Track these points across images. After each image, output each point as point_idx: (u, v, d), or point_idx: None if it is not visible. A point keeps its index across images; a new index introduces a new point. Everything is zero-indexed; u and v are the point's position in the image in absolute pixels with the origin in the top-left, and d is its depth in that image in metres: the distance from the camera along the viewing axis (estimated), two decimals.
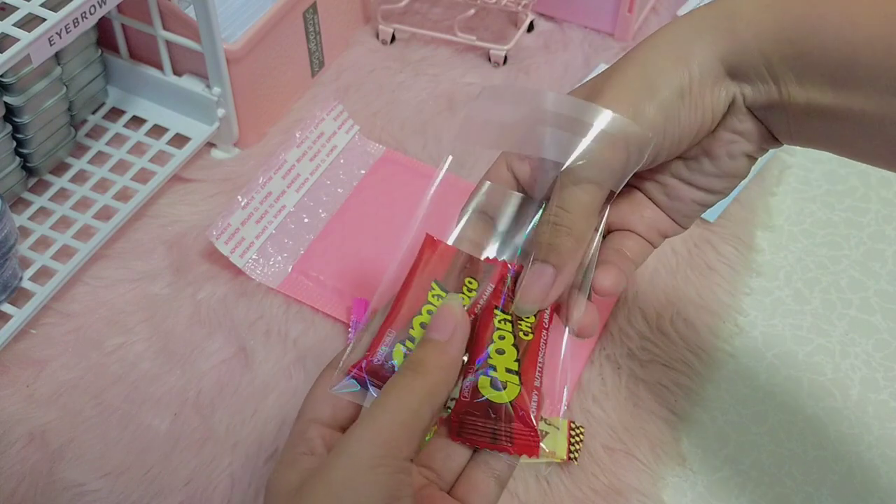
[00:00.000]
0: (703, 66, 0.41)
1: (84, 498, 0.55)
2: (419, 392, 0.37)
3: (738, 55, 0.41)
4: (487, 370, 0.41)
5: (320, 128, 0.71)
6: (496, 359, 0.42)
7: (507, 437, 0.41)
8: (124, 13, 0.70)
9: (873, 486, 0.57)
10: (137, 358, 0.61)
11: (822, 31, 0.39)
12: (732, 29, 0.41)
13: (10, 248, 0.59)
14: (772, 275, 0.67)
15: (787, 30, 0.40)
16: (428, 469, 0.41)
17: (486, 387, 0.41)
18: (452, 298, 0.41)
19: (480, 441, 0.41)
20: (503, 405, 0.41)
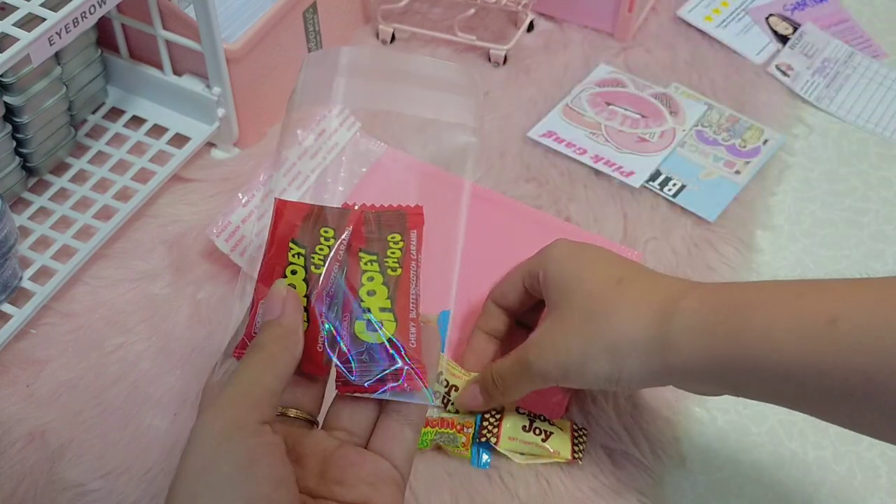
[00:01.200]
0: (631, 373, 0.49)
1: (84, 498, 0.55)
2: (256, 365, 0.39)
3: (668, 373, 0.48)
4: (360, 314, 0.42)
5: (321, 125, 0.71)
6: (368, 301, 0.42)
7: (393, 375, 0.41)
8: (124, 13, 0.69)
9: (873, 486, 0.57)
10: (137, 358, 0.61)
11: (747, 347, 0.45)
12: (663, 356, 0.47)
13: (10, 248, 0.59)
14: (772, 275, 0.67)
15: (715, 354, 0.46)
16: (338, 430, 0.42)
17: (362, 331, 0.42)
18: (278, 283, 0.42)
19: (366, 387, 0.41)
20: (382, 344, 0.41)
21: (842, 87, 0.80)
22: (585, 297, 0.51)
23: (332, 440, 0.41)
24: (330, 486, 0.39)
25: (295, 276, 0.43)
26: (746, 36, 0.84)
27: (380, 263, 0.44)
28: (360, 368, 0.41)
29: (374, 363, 0.41)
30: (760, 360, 0.44)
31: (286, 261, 0.43)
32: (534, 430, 0.55)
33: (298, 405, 0.43)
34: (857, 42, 0.84)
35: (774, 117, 0.77)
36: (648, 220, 0.69)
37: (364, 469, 0.40)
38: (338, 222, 0.44)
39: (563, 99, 0.77)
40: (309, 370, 0.42)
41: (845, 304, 0.42)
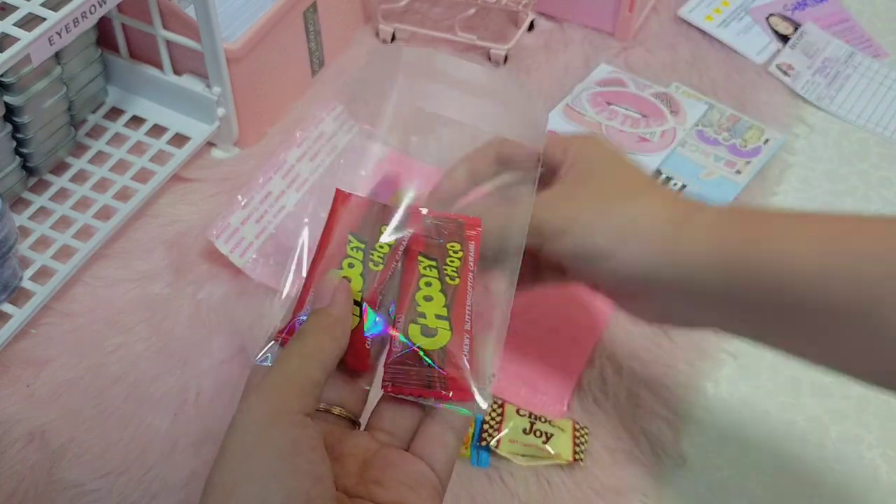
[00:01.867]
0: (629, 257, 0.47)
1: (84, 498, 0.55)
2: (301, 352, 0.39)
3: (671, 269, 0.47)
4: (416, 318, 0.41)
5: (320, 128, 0.71)
6: (424, 306, 0.42)
7: (442, 383, 0.40)
8: (124, 13, 0.69)
9: (873, 486, 0.57)
10: (137, 358, 0.61)
11: (758, 260, 0.44)
12: (675, 242, 0.46)
13: (10, 248, 0.59)
14: None
15: (725, 260, 0.45)
16: (380, 431, 0.42)
17: (416, 335, 0.41)
18: (330, 273, 0.42)
19: (414, 390, 0.41)
20: (435, 351, 0.41)
21: (842, 87, 0.80)
22: (614, 174, 0.50)
23: (373, 441, 0.41)
24: (368, 486, 0.39)
25: (352, 269, 0.42)
26: (747, 36, 0.84)
27: (439, 270, 0.43)
28: (409, 372, 0.41)
29: (424, 368, 0.41)
30: (773, 267, 0.43)
31: (344, 252, 0.43)
32: (534, 433, 0.55)
33: (342, 403, 0.42)
34: (857, 42, 0.84)
35: (775, 117, 0.77)
36: None
37: (403, 471, 0.40)
38: (399, 222, 0.44)
39: (563, 99, 0.77)
40: (354, 366, 0.41)
41: (866, 224, 0.43)
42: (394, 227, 0.44)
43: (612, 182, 0.50)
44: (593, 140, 0.53)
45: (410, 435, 0.42)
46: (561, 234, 0.48)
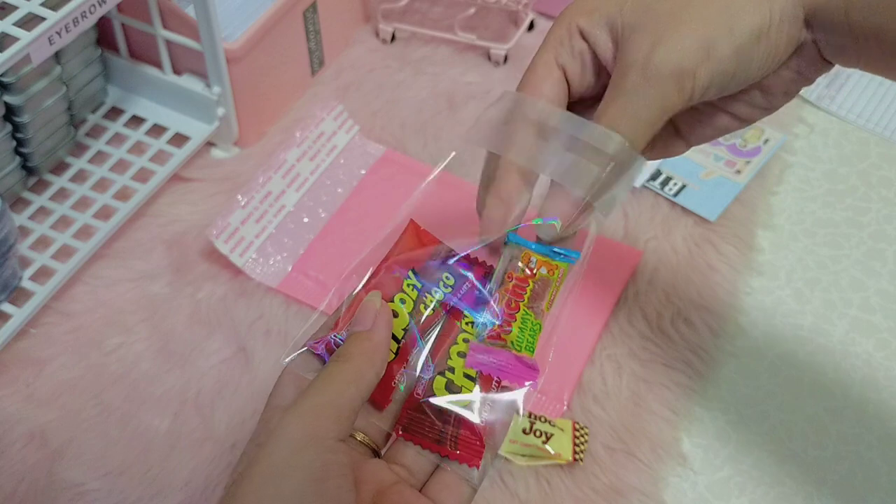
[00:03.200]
0: (784, 11, 0.40)
1: (84, 498, 0.55)
2: (342, 377, 0.38)
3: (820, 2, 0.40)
4: (444, 371, 0.41)
5: (320, 128, 0.71)
6: (455, 360, 0.41)
7: (453, 441, 0.40)
8: (124, 12, 0.69)
9: (874, 486, 0.57)
10: (137, 358, 0.61)
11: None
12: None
13: (9, 248, 0.59)
14: (772, 274, 0.67)
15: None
16: (399, 466, 0.41)
17: (440, 388, 0.41)
18: (373, 295, 0.41)
19: (425, 441, 0.40)
20: (453, 411, 0.40)
21: (842, 87, 0.80)
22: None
23: (390, 474, 0.40)
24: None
25: (403, 305, 0.42)
26: None
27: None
28: (424, 422, 0.41)
29: (440, 422, 0.41)
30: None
31: (400, 287, 0.42)
32: (534, 433, 0.55)
33: (366, 431, 0.41)
34: None
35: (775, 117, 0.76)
36: (649, 220, 0.69)
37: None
38: (461, 274, 0.44)
39: None
40: (376, 398, 0.41)
41: None
42: (455, 278, 0.43)
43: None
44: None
45: (427, 475, 0.41)
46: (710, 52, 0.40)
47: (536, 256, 0.42)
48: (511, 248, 0.42)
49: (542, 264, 0.42)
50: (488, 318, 0.42)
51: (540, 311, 0.42)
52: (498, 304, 0.41)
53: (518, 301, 0.41)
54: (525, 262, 0.42)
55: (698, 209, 0.69)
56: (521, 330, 0.41)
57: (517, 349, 0.41)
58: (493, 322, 0.41)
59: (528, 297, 0.42)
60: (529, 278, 0.42)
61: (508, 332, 0.41)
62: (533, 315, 0.41)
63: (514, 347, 0.41)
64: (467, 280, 0.43)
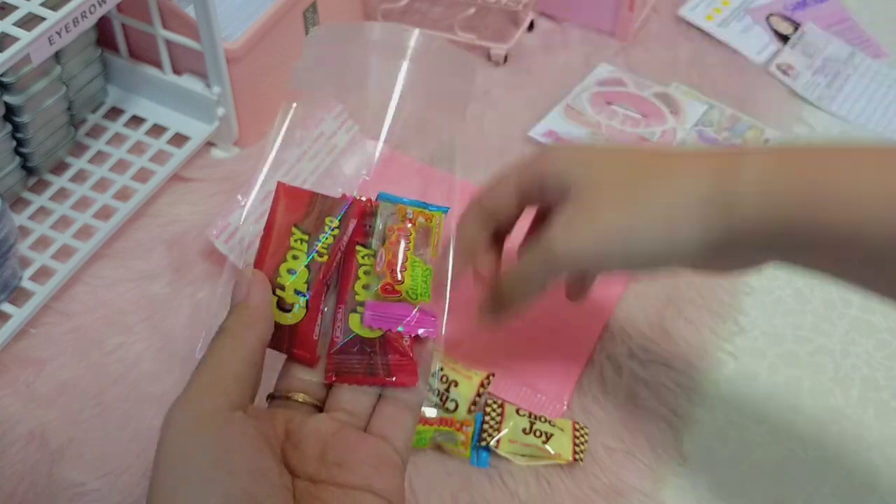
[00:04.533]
0: (686, 242, 0.44)
1: (84, 498, 0.55)
2: (220, 349, 0.39)
3: (727, 237, 0.43)
4: (354, 307, 0.42)
5: (320, 128, 0.71)
6: (363, 294, 0.42)
7: (385, 369, 0.41)
8: (124, 12, 0.69)
9: (874, 486, 0.57)
10: (137, 357, 0.61)
11: (824, 212, 0.40)
12: (727, 217, 0.42)
13: (9, 248, 0.59)
14: (772, 274, 0.67)
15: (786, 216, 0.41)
16: (339, 411, 0.42)
17: (356, 324, 0.42)
18: (245, 268, 0.42)
19: (357, 378, 0.41)
20: (376, 339, 0.41)
21: (842, 87, 0.80)
22: (623, 169, 0.45)
23: (332, 423, 0.41)
24: (330, 470, 0.39)
25: (296, 260, 0.43)
26: (747, 35, 0.84)
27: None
28: (351, 361, 0.41)
29: (365, 356, 0.41)
30: (838, 227, 0.40)
31: (288, 245, 0.43)
32: (534, 433, 0.55)
33: (306, 390, 0.42)
34: (857, 42, 0.84)
35: (775, 117, 0.77)
36: None
37: (365, 451, 0.40)
38: (343, 213, 0.44)
39: (563, 98, 0.77)
40: (302, 357, 0.42)
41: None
42: (338, 219, 0.44)
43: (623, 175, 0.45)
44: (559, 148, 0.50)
45: (369, 414, 0.42)
46: (603, 257, 0.45)
47: (411, 209, 0.44)
48: (385, 206, 0.44)
49: (418, 214, 0.44)
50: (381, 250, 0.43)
51: (427, 257, 0.43)
52: (383, 259, 0.42)
53: (405, 251, 0.43)
54: (402, 215, 0.44)
55: None
56: (413, 278, 0.42)
57: (412, 298, 0.42)
58: (382, 276, 0.42)
59: (413, 245, 0.43)
60: (411, 228, 0.43)
61: (401, 282, 0.42)
62: (422, 262, 0.43)
63: (410, 296, 0.41)
64: (351, 216, 0.44)
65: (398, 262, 0.42)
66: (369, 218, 0.45)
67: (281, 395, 0.42)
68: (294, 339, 0.42)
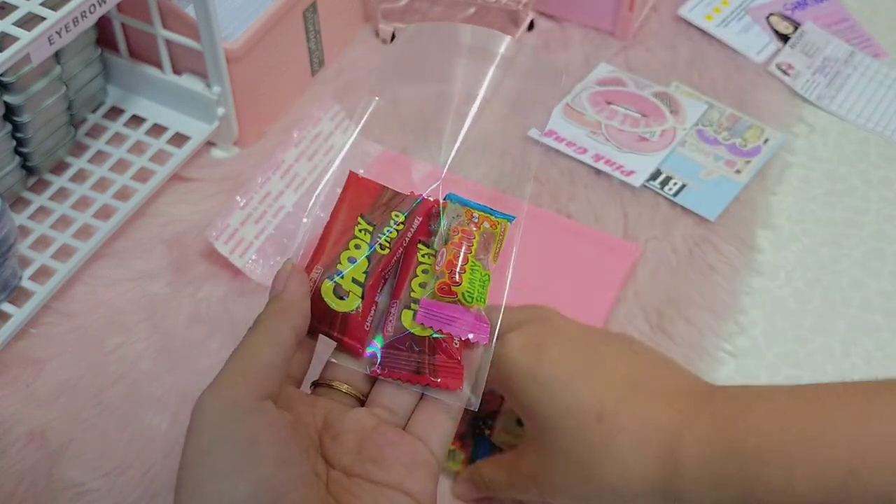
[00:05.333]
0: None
1: (84, 497, 0.55)
2: (253, 341, 0.39)
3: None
4: (409, 304, 0.42)
5: (318, 128, 0.71)
6: (418, 292, 0.42)
7: (431, 369, 0.41)
8: (124, 12, 0.69)
9: None
10: (137, 357, 0.61)
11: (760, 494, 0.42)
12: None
13: (9, 248, 0.59)
14: (773, 274, 0.67)
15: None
16: (379, 407, 0.42)
17: (408, 320, 0.41)
18: (284, 263, 0.42)
19: (403, 374, 0.41)
20: (426, 338, 0.41)
21: (842, 87, 0.80)
22: (570, 439, 0.47)
23: (371, 417, 0.41)
24: (365, 465, 0.39)
25: (358, 250, 0.43)
26: (747, 35, 0.84)
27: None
28: (399, 357, 0.41)
29: (413, 354, 0.41)
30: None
31: (352, 234, 0.43)
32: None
33: (350, 381, 0.42)
34: (857, 41, 0.84)
35: (775, 116, 0.77)
36: (649, 220, 0.69)
37: (401, 450, 0.40)
38: (410, 209, 0.44)
39: (563, 98, 0.77)
40: (350, 347, 0.42)
41: (865, 452, 0.40)
42: (404, 214, 0.44)
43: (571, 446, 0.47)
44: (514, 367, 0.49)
45: (409, 413, 0.42)
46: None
47: (478, 213, 0.43)
48: (452, 206, 0.44)
49: (484, 219, 0.43)
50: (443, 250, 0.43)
51: (487, 262, 0.43)
52: (444, 258, 0.42)
53: (467, 253, 0.42)
54: (468, 218, 0.43)
55: (698, 209, 0.69)
56: (471, 281, 0.42)
57: (468, 301, 0.41)
58: (441, 276, 0.42)
59: (476, 249, 0.42)
60: (475, 231, 0.42)
61: (459, 284, 0.41)
62: (481, 266, 0.42)
63: (465, 300, 0.41)
64: (417, 214, 0.44)
65: (458, 263, 0.42)
66: (434, 218, 0.45)
67: (325, 383, 0.42)
68: (345, 328, 0.41)
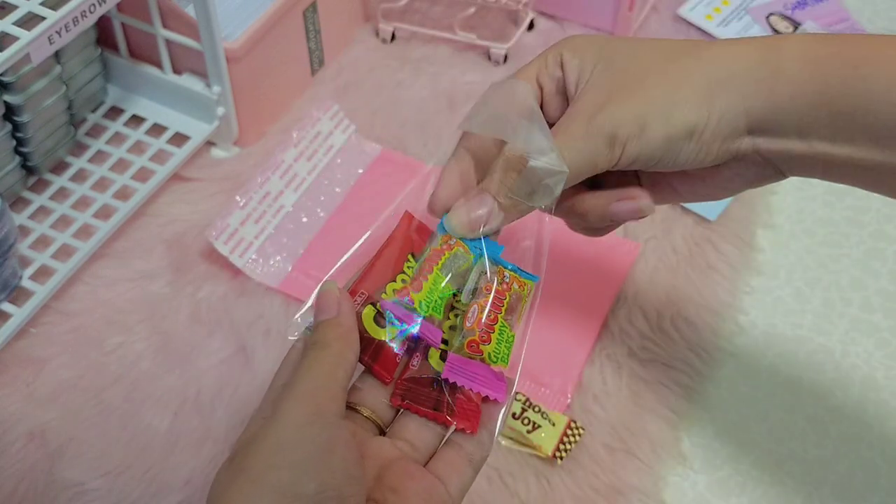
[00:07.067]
0: (723, 116, 0.41)
1: (84, 497, 0.55)
2: (327, 361, 0.39)
3: (769, 112, 0.41)
4: (437, 344, 0.42)
5: (317, 128, 0.71)
6: (448, 334, 0.43)
7: (449, 408, 0.41)
8: (124, 12, 0.69)
9: (873, 486, 0.57)
10: (137, 357, 0.61)
11: (867, 94, 0.39)
12: (771, 87, 0.41)
13: (9, 247, 0.59)
14: (772, 273, 0.67)
15: (828, 93, 0.40)
16: (401, 440, 0.42)
17: (435, 359, 0.42)
18: (328, 284, 0.42)
19: (422, 409, 0.41)
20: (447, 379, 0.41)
21: None
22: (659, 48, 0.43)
23: (393, 449, 0.41)
24: (384, 492, 0.39)
25: (403, 284, 0.43)
26: (747, 35, 0.84)
27: None
28: (420, 391, 0.42)
29: (434, 391, 0.41)
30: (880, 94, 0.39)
31: (401, 268, 0.44)
32: (522, 420, 0.56)
33: (372, 406, 0.42)
34: None
35: None
36: (649, 219, 0.69)
37: (420, 485, 0.40)
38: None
39: None
40: (379, 374, 0.42)
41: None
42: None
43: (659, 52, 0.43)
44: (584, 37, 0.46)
45: (430, 451, 0.42)
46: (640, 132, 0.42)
47: (509, 273, 0.44)
48: (482, 262, 0.44)
49: (514, 280, 0.44)
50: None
51: (514, 323, 0.43)
52: (475, 315, 0.42)
53: (496, 313, 0.43)
54: (500, 277, 0.43)
55: (698, 208, 0.69)
56: (499, 342, 0.42)
57: (492, 361, 0.42)
58: (471, 333, 0.42)
59: (505, 310, 0.43)
60: (507, 291, 0.43)
61: (487, 343, 0.42)
62: (508, 327, 0.43)
63: (490, 360, 0.42)
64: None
65: (489, 324, 0.42)
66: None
67: (349, 406, 0.42)
68: (378, 355, 0.42)
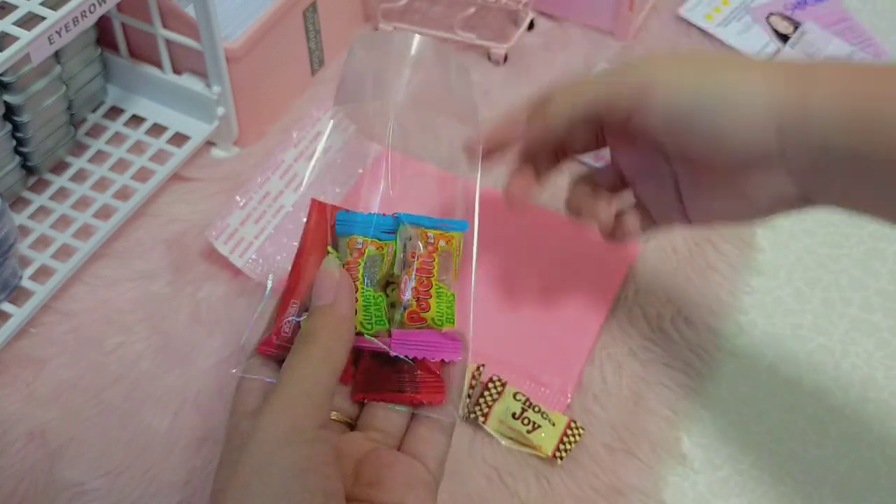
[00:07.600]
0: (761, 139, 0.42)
1: (83, 497, 0.55)
2: (312, 359, 0.37)
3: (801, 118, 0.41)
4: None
5: (317, 127, 0.71)
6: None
7: (413, 386, 0.41)
8: (124, 12, 0.69)
9: (874, 486, 0.57)
10: (137, 357, 0.61)
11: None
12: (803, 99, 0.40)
13: (9, 247, 0.59)
14: (772, 273, 0.67)
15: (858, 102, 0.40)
16: (372, 430, 0.42)
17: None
18: (330, 262, 0.40)
19: (387, 396, 0.41)
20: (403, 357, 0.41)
21: None
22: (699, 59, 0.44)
23: (366, 441, 0.41)
24: (364, 489, 0.39)
25: None
26: (747, 35, 0.84)
27: None
28: (379, 375, 0.41)
29: (395, 372, 0.41)
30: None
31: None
32: (522, 420, 0.56)
33: (338, 408, 0.42)
34: (857, 41, 0.84)
35: None
36: None
37: (399, 471, 0.40)
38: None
39: None
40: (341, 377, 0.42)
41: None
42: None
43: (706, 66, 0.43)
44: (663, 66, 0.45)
45: (402, 433, 0.42)
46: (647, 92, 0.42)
47: (432, 232, 0.43)
48: (404, 229, 0.43)
49: (439, 238, 0.43)
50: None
51: (450, 282, 0.43)
52: (408, 286, 0.42)
53: (429, 277, 0.42)
54: (424, 239, 0.42)
55: None
56: (438, 304, 0.42)
57: (438, 325, 0.41)
58: (409, 305, 0.41)
59: (437, 272, 0.42)
60: (433, 253, 0.42)
61: (427, 310, 0.41)
62: (446, 287, 0.42)
63: (436, 324, 0.41)
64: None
65: (423, 290, 0.42)
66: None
67: None
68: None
